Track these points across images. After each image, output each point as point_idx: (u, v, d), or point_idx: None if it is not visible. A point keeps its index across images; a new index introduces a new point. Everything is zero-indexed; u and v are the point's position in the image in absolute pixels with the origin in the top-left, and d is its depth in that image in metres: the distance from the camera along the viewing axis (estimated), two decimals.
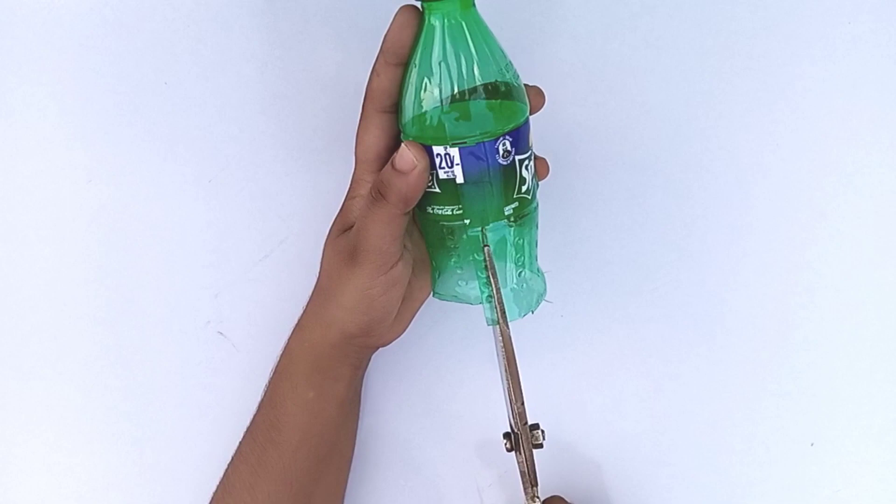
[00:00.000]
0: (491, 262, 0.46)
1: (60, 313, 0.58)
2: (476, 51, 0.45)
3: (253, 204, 0.58)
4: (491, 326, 0.48)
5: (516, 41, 0.58)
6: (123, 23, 0.58)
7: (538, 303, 0.50)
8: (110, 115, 0.58)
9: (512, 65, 0.46)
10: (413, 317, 0.53)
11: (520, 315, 0.49)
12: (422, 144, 0.45)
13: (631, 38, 0.59)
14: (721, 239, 0.59)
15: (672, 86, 0.59)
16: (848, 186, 0.59)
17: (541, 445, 0.48)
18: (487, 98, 0.45)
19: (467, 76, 0.44)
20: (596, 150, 0.59)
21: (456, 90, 0.44)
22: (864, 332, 0.59)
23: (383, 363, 0.58)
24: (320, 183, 0.58)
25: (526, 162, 0.46)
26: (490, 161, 0.45)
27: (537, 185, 0.49)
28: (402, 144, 0.45)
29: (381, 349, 0.55)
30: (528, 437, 0.47)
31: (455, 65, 0.44)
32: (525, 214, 0.47)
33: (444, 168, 0.45)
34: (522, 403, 0.47)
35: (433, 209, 0.47)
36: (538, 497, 0.47)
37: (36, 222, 0.58)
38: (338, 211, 0.51)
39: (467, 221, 0.46)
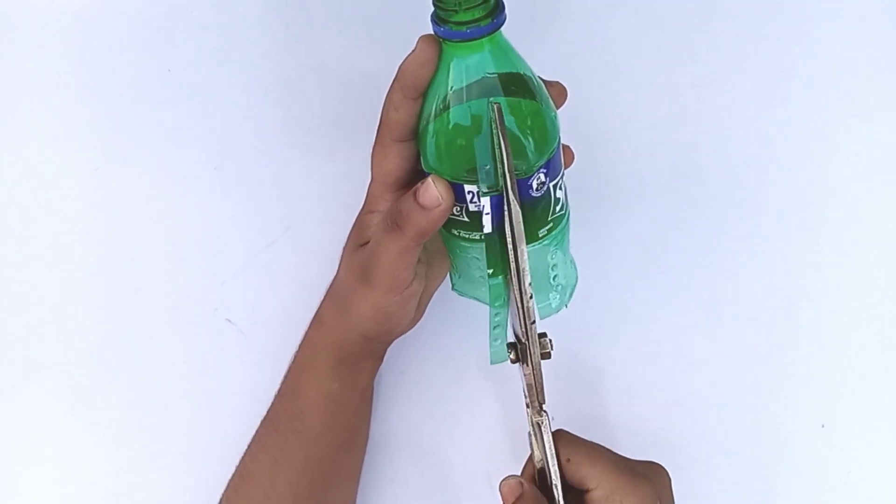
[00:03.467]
0: (501, 121, 0.40)
1: (67, 301, 0.58)
2: (504, 85, 0.41)
3: (258, 191, 0.58)
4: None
5: (521, 25, 0.58)
6: (128, 10, 0.58)
7: (571, 295, 0.49)
8: (115, 103, 0.58)
9: (542, 86, 0.43)
10: (426, 306, 0.53)
11: (556, 310, 0.48)
12: (460, 185, 0.42)
13: (638, 20, 0.58)
14: (731, 221, 0.59)
15: (682, 66, 0.59)
16: (862, 168, 0.59)
17: (549, 355, 0.44)
18: (519, 134, 0.42)
19: (497, 114, 0.40)
20: (603, 132, 0.59)
21: (484, 129, 0.41)
22: (875, 314, 0.59)
23: (394, 350, 0.58)
24: (325, 169, 0.57)
25: (559, 182, 0.44)
26: (524, 197, 0.42)
27: (566, 193, 0.46)
28: (429, 179, 0.42)
29: None
30: (536, 344, 0.43)
31: (483, 103, 0.41)
32: (560, 227, 0.45)
33: (474, 203, 0.43)
34: (532, 297, 0.42)
35: (459, 233, 0.45)
36: (546, 411, 0.44)
37: (42, 210, 0.58)
38: (353, 224, 0.50)
39: (490, 272, 0.44)
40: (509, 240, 0.41)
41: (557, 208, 0.44)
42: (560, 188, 0.44)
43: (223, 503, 0.53)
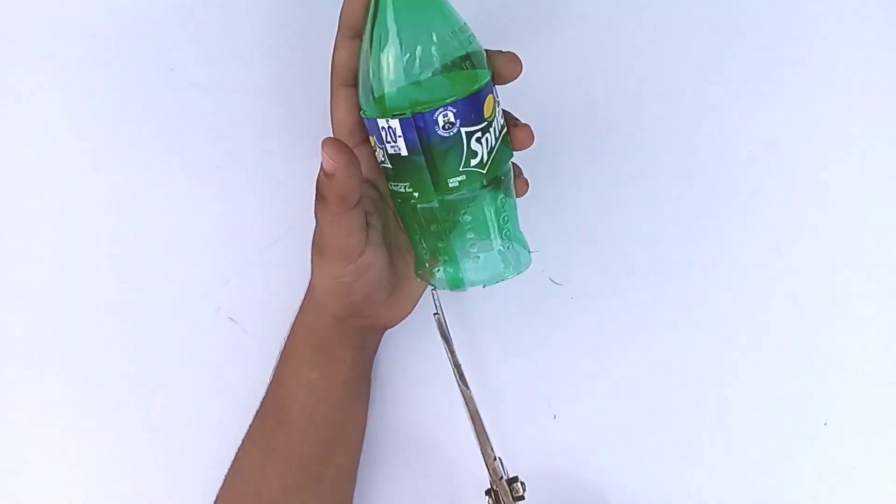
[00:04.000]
0: (444, 332, 0.47)
1: (70, 301, 0.59)
2: (423, 19, 0.43)
3: (260, 190, 0.58)
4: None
5: (519, 25, 0.58)
6: (129, 9, 0.58)
7: (506, 276, 0.48)
8: (117, 103, 0.58)
9: (467, 30, 0.45)
10: (417, 299, 0.53)
11: (469, 284, 0.48)
12: (374, 120, 0.44)
13: (639, 16, 0.58)
14: (731, 218, 0.59)
15: (681, 62, 0.59)
16: (864, 167, 0.59)
17: (522, 498, 0.49)
18: (434, 68, 0.43)
19: (412, 45, 0.43)
20: (603, 129, 0.58)
21: (401, 61, 0.43)
22: (877, 312, 0.58)
23: (393, 346, 0.58)
24: None
25: (477, 134, 0.44)
26: (430, 133, 0.43)
27: (503, 158, 0.47)
28: (321, 143, 0.44)
29: (389, 332, 0.55)
30: (507, 492, 0.48)
31: (399, 34, 0.43)
32: (475, 186, 0.45)
33: (390, 142, 0.44)
34: (495, 459, 0.49)
35: (390, 186, 0.47)
36: None
37: (43, 210, 0.59)
38: None
39: (416, 195, 0.45)
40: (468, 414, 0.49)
41: (473, 161, 0.45)
42: (479, 141, 0.44)
43: (219, 499, 0.53)
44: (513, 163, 0.49)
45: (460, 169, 0.44)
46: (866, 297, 0.58)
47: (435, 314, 0.48)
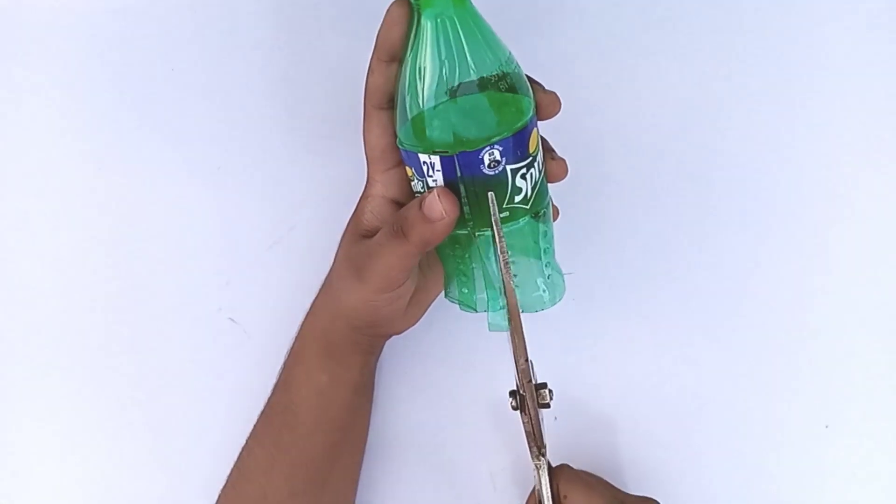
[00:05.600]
0: (494, 208, 0.42)
1: (71, 302, 0.58)
2: (469, 51, 0.41)
3: (262, 190, 0.58)
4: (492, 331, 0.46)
5: (522, 28, 0.58)
6: (130, 9, 0.58)
7: (546, 306, 0.48)
8: (118, 103, 0.58)
9: (513, 63, 0.43)
10: (426, 309, 0.53)
11: (499, 313, 0.47)
12: (414, 153, 0.43)
13: (643, 22, 0.58)
14: (736, 223, 0.59)
15: (687, 70, 0.59)
16: (869, 170, 0.59)
17: (548, 405, 0.46)
18: (479, 102, 0.41)
19: (457, 79, 0.41)
20: (609, 134, 0.59)
21: (445, 93, 0.41)
22: (879, 314, 0.58)
23: (396, 349, 0.58)
24: (329, 169, 0.57)
25: (522, 170, 0.43)
26: (475, 171, 0.41)
27: (545, 190, 0.46)
28: (435, 191, 0.42)
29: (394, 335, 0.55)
30: (533, 396, 0.45)
31: (442, 67, 0.41)
32: (520, 223, 0.44)
33: (430, 176, 0.43)
34: (526, 360, 0.45)
35: None
36: (544, 456, 0.46)
37: (45, 211, 0.58)
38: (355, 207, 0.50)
39: (457, 231, 0.44)
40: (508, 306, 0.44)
41: (517, 198, 0.43)
42: (523, 177, 0.43)
43: (221, 499, 0.53)
44: None
45: (504, 206, 0.43)
46: (868, 300, 0.58)
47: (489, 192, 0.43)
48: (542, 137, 0.47)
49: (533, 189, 0.44)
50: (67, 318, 0.58)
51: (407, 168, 0.45)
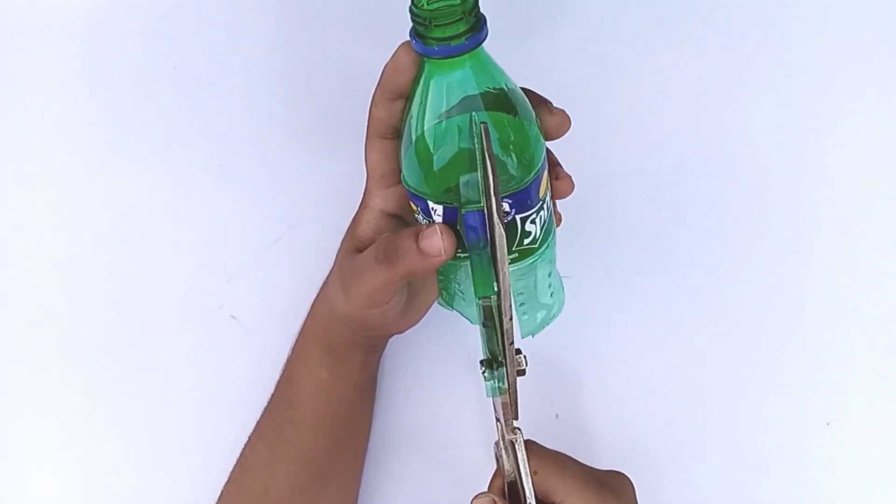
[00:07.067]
0: (487, 139, 0.37)
1: (73, 298, 0.59)
2: (480, 104, 0.38)
3: (264, 187, 0.58)
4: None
5: (522, 34, 0.58)
6: (134, 7, 0.58)
7: (542, 326, 0.48)
8: (121, 100, 0.58)
9: (527, 115, 0.40)
10: (427, 309, 0.53)
11: (532, 334, 0.47)
12: (422, 198, 0.41)
13: (640, 26, 0.58)
14: (735, 219, 0.59)
15: (686, 65, 0.59)
16: (867, 165, 0.59)
17: (523, 372, 0.44)
18: (505, 163, 0.39)
19: (468, 134, 0.38)
20: (607, 130, 0.59)
21: (455, 147, 0.39)
22: (880, 312, 0.58)
23: (397, 346, 0.58)
24: (331, 167, 0.57)
25: (531, 216, 0.41)
26: (479, 226, 0.39)
27: (552, 224, 0.44)
28: (436, 227, 0.41)
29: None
30: (513, 361, 0.42)
31: (454, 122, 0.39)
32: (529, 261, 0.43)
33: (431, 217, 0.42)
34: (511, 318, 0.40)
35: None
36: (519, 428, 0.44)
37: (48, 208, 0.59)
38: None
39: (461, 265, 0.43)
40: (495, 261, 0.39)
41: (526, 241, 0.42)
42: (533, 222, 0.42)
43: (224, 495, 0.53)
44: None
45: (513, 248, 0.42)
46: (870, 297, 0.58)
47: (482, 123, 0.39)
48: (548, 151, 0.46)
49: (541, 229, 0.43)
50: (69, 315, 0.59)
51: (411, 204, 0.44)
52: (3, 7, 0.58)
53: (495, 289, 0.39)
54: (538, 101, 0.43)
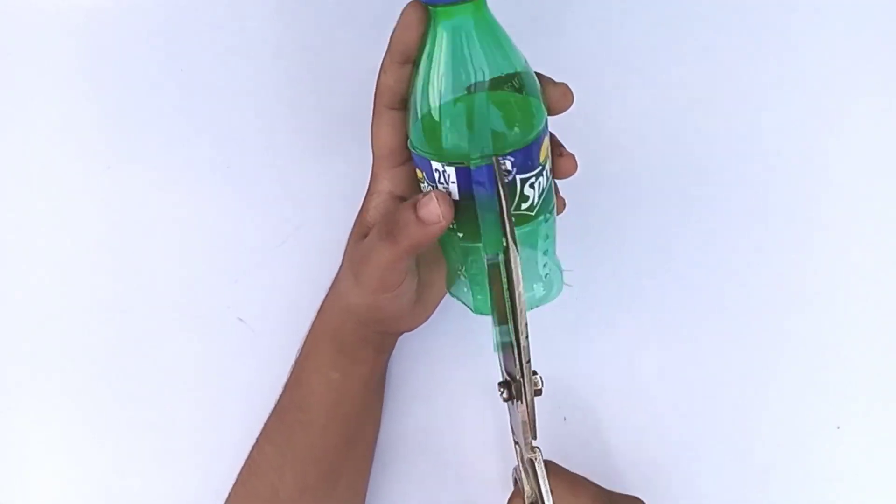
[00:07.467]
0: (502, 179, 0.41)
1: (80, 300, 0.59)
2: (485, 60, 0.41)
3: (270, 189, 0.58)
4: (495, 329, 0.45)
5: (529, 27, 0.58)
6: (139, 9, 0.58)
7: (539, 303, 0.48)
8: (127, 102, 0.58)
9: (528, 73, 0.42)
10: (437, 305, 0.53)
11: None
12: (426, 159, 0.42)
13: (647, 23, 0.58)
14: (741, 220, 0.58)
15: (690, 70, 0.58)
16: (873, 169, 0.58)
17: (540, 392, 0.44)
18: (493, 114, 0.41)
19: (473, 88, 0.40)
20: (612, 132, 0.58)
21: (460, 102, 0.41)
22: (890, 315, 0.58)
23: (405, 348, 0.58)
24: (337, 168, 0.57)
25: (531, 180, 0.43)
26: (487, 181, 0.41)
27: (551, 196, 0.45)
28: (432, 193, 0.42)
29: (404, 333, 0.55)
30: (531, 381, 0.43)
31: (460, 75, 0.41)
32: (526, 228, 0.44)
33: (442, 183, 0.43)
34: (527, 337, 0.42)
35: None
36: (538, 447, 0.44)
37: (55, 209, 0.59)
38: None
39: (461, 235, 0.44)
40: (506, 284, 0.41)
41: (524, 205, 0.43)
42: (532, 186, 0.43)
43: (231, 497, 0.53)
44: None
45: (511, 212, 0.42)
46: (879, 301, 0.58)
47: (494, 156, 0.42)
48: (551, 134, 0.47)
49: (540, 196, 0.44)
50: (77, 316, 0.59)
51: (417, 170, 0.45)
52: (9, 8, 0.58)
53: (504, 244, 0.40)
54: (540, 76, 0.44)
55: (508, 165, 0.42)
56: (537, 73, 0.44)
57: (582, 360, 0.58)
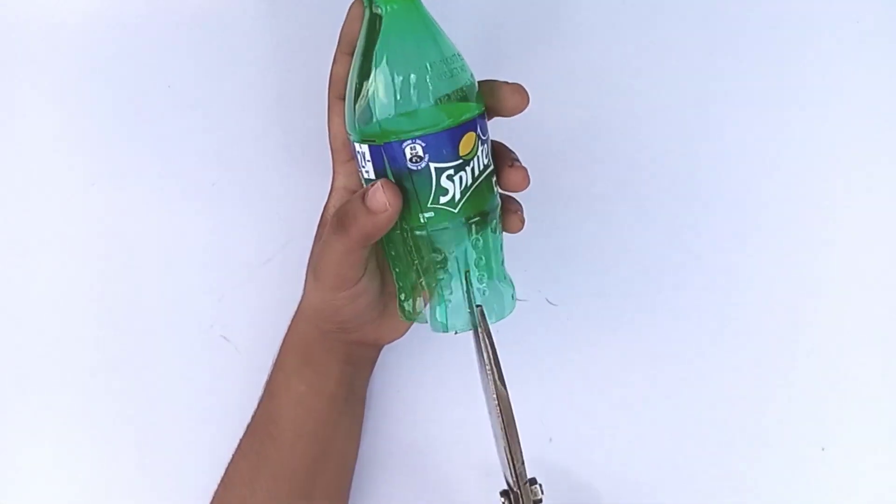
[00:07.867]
0: (485, 324, 0.44)
1: (64, 317, 0.58)
2: (412, 47, 0.42)
3: (256, 207, 0.58)
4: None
5: (517, 39, 0.58)
6: (126, 25, 0.58)
7: (505, 312, 0.47)
8: (113, 119, 0.58)
9: (458, 61, 0.43)
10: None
11: (441, 323, 0.47)
12: (352, 143, 0.44)
13: (634, 33, 0.58)
14: (727, 240, 0.58)
15: (677, 83, 0.59)
16: (856, 185, 0.59)
17: (540, 501, 0.47)
18: (415, 98, 0.42)
19: (393, 74, 0.42)
20: (600, 149, 0.58)
21: (378, 89, 0.42)
22: (874, 336, 0.58)
23: (388, 365, 0.58)
24: (323, 186, 0.57)
25: (449, 171, 0.43)
26: (398, 163, 0.42)
27: (484, 199, 0.45)
28: (378, 182, 0.43)
29: (386, 351, 0.55)
30: (528, 496, 0.46)
31: (382, 61, 0.42)
32: (444, 228, 0.44)
33: (363, 167, 0.44)
34: (522, 463, 0.46)
35: None
36: None
37: (38, 226, 0.59)
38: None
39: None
40: (498, 417, 0.45)
41: (442, 199, 0.43)
42: (450, 179, 0.43)
43: None
44: (512, 198, 0.47)
45: (429, 205, 0.43)
46: (865, 320, 0.58)
47: (478, 306, 0.45)
48: (502, 144, 0.47)
49: (462, 193, 0.43)
50: (60, 332, 0.59)
51: (356, 160, 0.46)
52: None
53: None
54: (491, 81, 0.45)
55: (419, 150, 0.42)
56: (490, 80, 0.45)
57: (567, 380, 0.58)
